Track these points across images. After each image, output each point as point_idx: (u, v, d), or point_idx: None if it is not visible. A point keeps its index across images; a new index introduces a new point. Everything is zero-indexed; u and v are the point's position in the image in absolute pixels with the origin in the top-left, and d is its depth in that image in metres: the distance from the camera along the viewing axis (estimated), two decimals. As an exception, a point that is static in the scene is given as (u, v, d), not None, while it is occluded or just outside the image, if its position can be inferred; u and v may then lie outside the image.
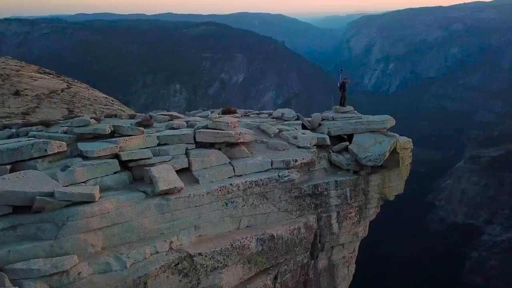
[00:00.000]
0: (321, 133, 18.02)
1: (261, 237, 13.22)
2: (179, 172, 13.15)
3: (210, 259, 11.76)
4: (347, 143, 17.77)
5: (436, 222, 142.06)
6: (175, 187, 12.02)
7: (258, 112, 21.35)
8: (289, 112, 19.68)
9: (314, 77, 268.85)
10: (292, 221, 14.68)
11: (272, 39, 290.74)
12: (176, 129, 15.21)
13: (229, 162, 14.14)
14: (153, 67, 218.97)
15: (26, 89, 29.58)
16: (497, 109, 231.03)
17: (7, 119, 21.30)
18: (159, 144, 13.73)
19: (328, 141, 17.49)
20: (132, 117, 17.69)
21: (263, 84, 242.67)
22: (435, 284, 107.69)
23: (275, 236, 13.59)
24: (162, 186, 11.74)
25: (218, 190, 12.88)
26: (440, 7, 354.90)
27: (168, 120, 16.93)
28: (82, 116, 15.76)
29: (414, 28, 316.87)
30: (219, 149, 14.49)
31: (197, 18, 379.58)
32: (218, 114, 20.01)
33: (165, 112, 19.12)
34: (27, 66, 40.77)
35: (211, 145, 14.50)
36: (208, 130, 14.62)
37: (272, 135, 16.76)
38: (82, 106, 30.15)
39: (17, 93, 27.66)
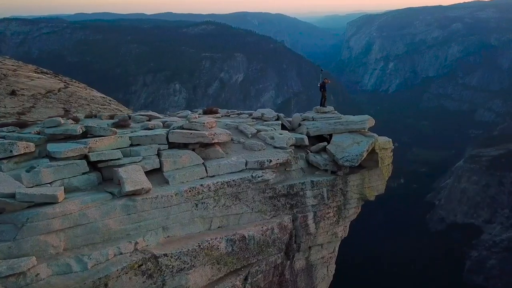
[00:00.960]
0: (300, 133, 18.01)
1: (232, 237, 13.08)
2: (151, 173, 13.04)
3: (176, 260, 11.63)
4: (326, 143, 17.68)
5: (436, 221, 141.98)
6: (143, 188, 11.87)
7: (239, 112, 21.22)
8: (269, 113, 19.60)
9: (314, 77, 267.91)
10: (266, 221, 14.56)
11: (272, 39, 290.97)
12: (151, 129, 15.11)
13: (203, 163, 14.01)
14: (153, 66, 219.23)
15: (23, 89, 29.49)
16: (497, 109, 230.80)
17: (2, 119, 21.16)
18: (131, 145, 13.63)
19: (307, 141, 17.42)
20: (111, 117, 17.56)
21: (263, 84, 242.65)
22: (435, 284, 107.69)
23: (247, 236, 13.46)
24: (128, 187, 11.63)
25: (188, 191, 12.73)
26: (440, 6, 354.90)
27: (146, 121, 16.81)
28: (54, 117, 15.55)
29: (414, 27, 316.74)
30: (193, 149, 14.38)
31: (197, 18, 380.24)
32: (199, 114, 19.86)
33: (144, 112, 18.90)
34: (24, 66, 40.67)
35: (185, 146, 14.40)
36: (180, 130, 14.51)
37: (250, 135, 16.71)
38: (79, 106, 30.04)
39: (13, 93, 27.58)
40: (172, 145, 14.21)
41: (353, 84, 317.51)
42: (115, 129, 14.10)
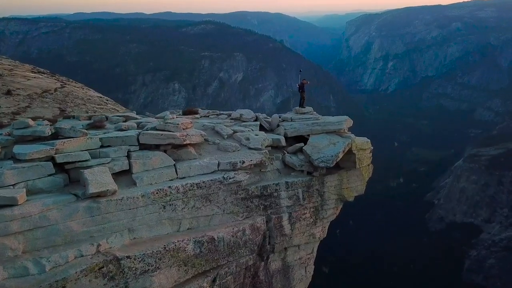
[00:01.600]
0: (277, 134, 17.95)
1: (200, 239, 12.94)
2: (120, 174, 12.95)
3: (140, 262, 11.46)
4: (302, 144, 17.62)
5: (435, 221, 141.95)
6: (108, 190, 11.70)
7: (218, 113, 21.25)
8: (247, 113, 19.52)
9: (313, 76, 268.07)
10: (237, 223, 14.43)
11: (271, 38, 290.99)
12: (125, 130, 15.01)
13: (174, 164, 13.86)
14: (152, 66, 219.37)
15: (19, 88, 29.45)
16: (496, 108, 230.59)
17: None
18: (102, 146, 13.48)
19: (283, 142, 17.35)
20: (89, 118, 17.53)
21: (262, 83, 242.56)
22: (434, 283, 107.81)
23: (216, 238, 13.33)
24: (92, 189, 11.50)
25: (155, 192, 12.57)
26: (439, 6, 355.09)
27: (122, 122, 16.72)
28: (24, 118, 15.41)
29: (413, 26, 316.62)
30: (165, 151, 14.24)
31: (196, 17, 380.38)
32: (178, 115, 19.80)
33: (121, 113, 18.76)
34: (21, 66, 40.62)
35: (157, 147, 14.24)
36: (151, 132, 14.37)
37: (226, 136, 16.63)
38: (75, 106, 29.96)
39: (8, 93, 27.54)
40: (144, 147, 14.12)
41: (352, 83, 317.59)
42: (86, 130, 13.98)
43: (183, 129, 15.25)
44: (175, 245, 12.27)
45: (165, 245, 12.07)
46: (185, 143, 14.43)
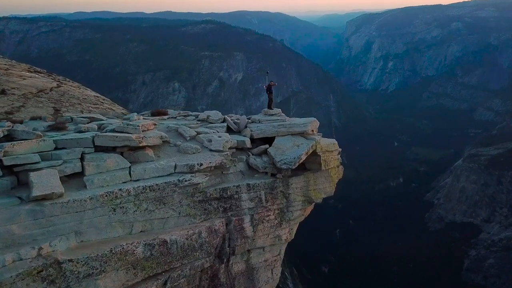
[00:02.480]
0: (243, 135, 17.88)
1: (151, 242, 12.79)
2: (73, 177, 12.87)
3: (84, 265, 11.33)
4: (267, 145, 17.57)
5: (435, 220, 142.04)
6: (53, 193, 11.58)
7: (186, 113, 21.11)
8: (215, 115, 19.42)
9: (313, 76, 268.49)
10: (194, 225, 14.33)
11: (271, 38, 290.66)
12: (84, 132, 14.92)
13: (129, 167, 13.75)
14: (152, 65, 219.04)
15: (14, 88, 29.22)
16: (496, 108, 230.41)
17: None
18: (56, 148, 13.35)
19: (248, 144, 17.29)
20: (55, 119, 17.53)
21: (262, 83, 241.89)
22: (434, 282, 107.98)
23: (168, 241, 13.19)
24: (36, 192, 11.38)
25: (104, 195, 12.46)
26: (439, 6, 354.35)
27: (87, 123, 16.66)
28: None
29: (414, 26, 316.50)
30: (122, 153, 14.14)
31: (196, 17, 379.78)
32: (146, 116, 19.73)
33: (87, 115, 18.76)
34: (18, 65, 40.42)
35: (113, 149, 14.13)
36: (106, 134, 14.24)
37: (188, 138, 16.52)
38: (70, 105, 29.85)
39: (3, 92, 27.34)
40: (100, 149, 13.96)
41: (353, 83, 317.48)
42: (40, 132, 13.89)
43: (144, 131, 15.21)
44: (123, 248, 12.12)
45: (112, 248, 11.90)
46: (141, 145, 14.27)
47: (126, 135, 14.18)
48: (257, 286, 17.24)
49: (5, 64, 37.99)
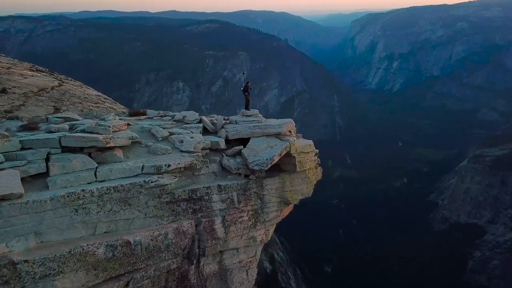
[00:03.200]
0: (218, 136, 17.84)
1: (113, 243, 12.66)
2: (38, 177, 12.89)
3: (40, 266, 11.22)
4: (242, 146, 17.57)
5: (439, 221, 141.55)
6: (12, 193, 11.47)
7: (162, 114, 20.97)
8: (191, 115, 19.33)
9: (317, 75, 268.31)
10: (161, 226, 14.22)
11: (276, 37, 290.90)
12: (54, 132, 14.84)
13: (96, 167, 13.70)
14: (156, 64, 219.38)
15: (14, 87, 29.27)
16: (501, 108, 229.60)
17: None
18: (23, 149, 13.30)
19: (223, 145, 17.24)
20: (30, 119, 17.43)
21: (266, 82, 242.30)
22: (437, 283, 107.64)
23: (132, 242, 13.07)
24: None
25: (65, 196, 12.37)
26: (444, 5, 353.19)
27: (61, 123, 16.52)
28: None
29: (419, 26, 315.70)
30: (90, 153, 14.08)
31: (200, 16, 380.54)
32: (123, 116, 19.62)
33: (62, 115, 18.60)
34: (20, 64, 40.49)
35: (81, 150, 14.05)
36: (74, 134, 14.20)
37: (160, 138, 16.47)
38: (71, 104, 29.89)
39: (3, 91, 27.37)
40: (68, 149, 13.85)
41: (357, 83, 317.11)
42: (7, 133, 13.81)
43: (116, 131, 15.14)
44: (83, 249, 11.97)
45: (71, 249, 11.79)
46: (108, 145, 14.15)
47: (93, 135, 14.11)
48: (231, 287, 17.18)
49: (6, 63, 38.05)
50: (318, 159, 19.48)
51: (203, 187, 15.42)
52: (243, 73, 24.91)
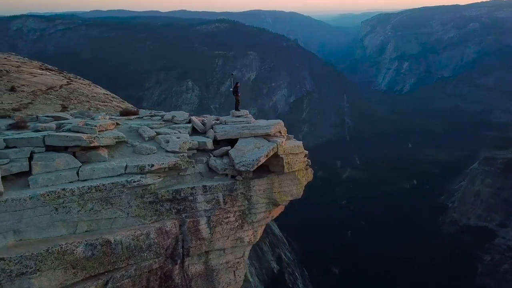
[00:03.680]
0: (207, 137, 17.72)
1: (93, 242, 12.60)
2: (20, 176, 12.90)
3: (17, 264, 11.20)
4: (229, 147, 17.45)
5: (448, 224, 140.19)
6: None
7: (152, 114, 20.94)
8: (180, 115, 19.25)
9: (326, 76, 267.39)
10: (143, 226, 14.16)
11: (285, 37, 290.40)
12: (41, 131, 14.80)
13: (79, 167, 13.69)
14: (166, 64, 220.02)
15: (23, 85, 29.50)
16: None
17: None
18: (7, 147, 13.34)
19: (210, 145, 17.14)
20: (21, 118, 17.48)
21: (275, 82, 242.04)
22: (447, 286, 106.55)
23: (112, 241, 13.00)
24: None
25: (45, 195, 12.38)
26: (456, 6, 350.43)
27: (51, 122, 16.50)
28: None
29: (430, 26, 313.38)
30: (74, 153, 14.05)
31: (210, 16, 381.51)
32: (114, 116, 19.53)
33: (52, 114, 18.57)
34: (29, 63, 40.83)
35: (65, 149, 14.02)
36: (57, 133, 14.16)
37: (147, 138, 16.45)
38: (78, 103, 30.01)
39: (12, 89, 27.60)
40: (52, 148, 13.84)
41: (367, 83, 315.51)
42: None
43: (102, 131, 15.12)
44: (61, 247, 11.98)
45: (49, 247, 11.78)
46: (92, 145, 14.15)
47: (77, 134, 14.10)
48: (218, 288, 17.06)
49: (16, 62, 38.37)
50: (308, 160, 19.28)
51: (188, 187, 15.39)
52: (232, 74, 25.40)
